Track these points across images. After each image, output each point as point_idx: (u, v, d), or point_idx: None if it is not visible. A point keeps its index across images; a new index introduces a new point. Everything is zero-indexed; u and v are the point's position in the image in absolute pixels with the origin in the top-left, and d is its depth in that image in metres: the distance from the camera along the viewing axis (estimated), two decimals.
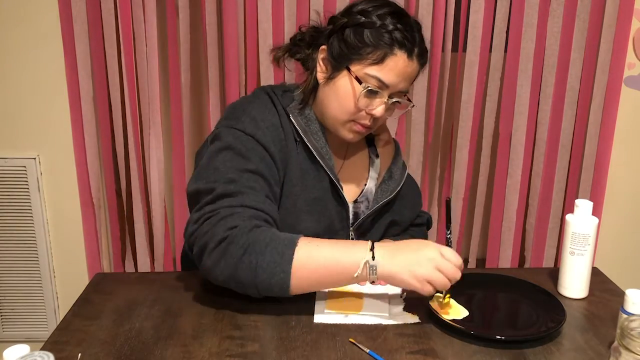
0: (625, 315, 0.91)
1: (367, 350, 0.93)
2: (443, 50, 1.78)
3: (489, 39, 1.79)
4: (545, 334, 0.98)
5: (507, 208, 1.93)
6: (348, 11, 1.14)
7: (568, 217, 1.12)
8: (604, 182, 1.92)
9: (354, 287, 1.13)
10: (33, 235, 1.92)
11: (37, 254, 1.94)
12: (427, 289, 0.98)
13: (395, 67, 1.09)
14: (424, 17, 1.74)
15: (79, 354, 0.92)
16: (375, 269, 0.98)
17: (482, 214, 1.96)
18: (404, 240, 1.02)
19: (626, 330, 0.81)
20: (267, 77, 1.78)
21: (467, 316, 1.04)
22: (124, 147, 1.83)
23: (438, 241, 1.96)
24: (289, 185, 1.15)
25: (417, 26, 1.13)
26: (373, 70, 1.09)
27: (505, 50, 1.81)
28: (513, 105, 1.85)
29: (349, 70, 1.11)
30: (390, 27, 1.08)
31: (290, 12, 1.74)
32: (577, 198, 1.82)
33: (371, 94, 1.11)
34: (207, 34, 1.73)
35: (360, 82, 1.10)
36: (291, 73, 1.34)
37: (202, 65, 1.83)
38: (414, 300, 1.10)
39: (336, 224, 1.22)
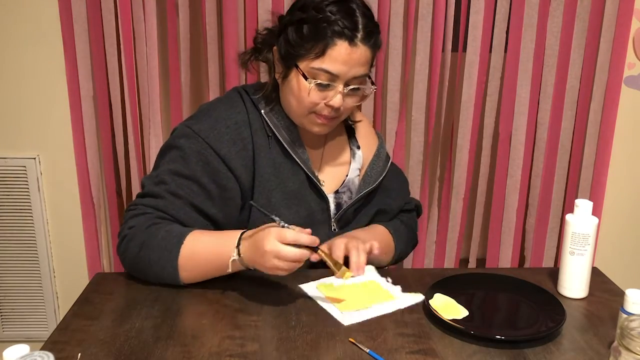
0: (625, 315, 0.91)
1: (367, 350, 0.93)
2: (443, 50, 1.78)
3: (489, 39, 1.79)
4: (545, 334, 0.98)
5: (507, 208, 1.93)
6: (291, 8, 1.17)
7: (568, 217, 1.12)
8: (604, 182, 1.92)
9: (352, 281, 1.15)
10: (33, 235, 1.92)
11: (37, 254, 1.94)
12: (279, 274, 1.03)
13: (338, 56, 1.10)
14: (424, 17, 1.74)
15: (79, 354, 0.92)
16: (244, 262, 1.05)
17: (482, 214, 1.96)
18: (261, 229, 1.03)
19: (626, 330, 0.81)
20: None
21: (467, 316, 1.04)
22: (124, 147, 1.83)
23: (438, 241, 1.96)
24: (260, 181, 1.18)
25: (362, 9, 1.13)
26: (317, 64, 1.10)
27: (505, 50, 1.81)
28: (513, 105, 1.85)
29: (297, 67, 1.12)
30: (330, 17, 1.09)
31: None
32: (577, 198, 1.82)
33: (322, 87, 1.12)
34: (207, 33, 1.72)
35: (306, 78, 1.11)
36: None
37: (202, 65, 1.83)
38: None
39: (317, 215, 1.24)
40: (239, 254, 1.04)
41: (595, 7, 1.77)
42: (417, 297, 1.08)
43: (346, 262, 1.14)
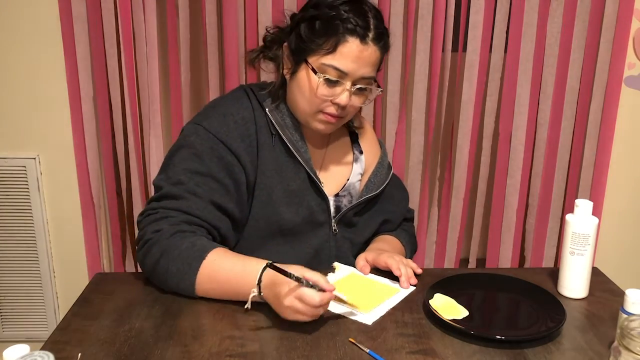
0: (625, 315, 0.91)
1: (367, 350, 0.93)
2: (443, 50, 1.78)
3: (489, 39, 1.79)
4: (545, 334, 0.98)
5: (507, 208, 1.93)
6: (305, 6, 1.19)
7: (568, 217, 1.12)
8: (604, 182, 1.92)
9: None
10: (33, 235, 1.92)
11: (37, 254, 1.94)
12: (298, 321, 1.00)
13: (349, 53, 1.11)
14: (424, 17, 1.74)
15: (79, 354, 0.92)
16: (263, 299, 1.02)
17: (482, 214, 1.95)
18: (279, 280, 0.99)
19: (626, 330, 0.81)
20: (269, 77, 1.78)
21: (467, 316, 1.04)
22: (124, 147, 1.83)
23: (438, 241, 1.96)
24: (262, 178, 1.19)
25: (374, 12, 1.15)
26: (328, 60, 1.12)
27: (505, 50, 1.81)
28: (513, 105, 1.85)
29: (307, 62, 1.14)
30: (343, 15, 1.11)
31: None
32: (577, 198, 1.82)
33: (330, 83, 1.13)
34: (207, 34, 1.72)
35: (315, 73, 1.12)
36: None
37: (202, 65, 1.83)
38: (413, 299, 1.10)
39: (318, 215, 1.25)
40: (259, 292, 1.01)
41: (595, 7, 1.77)
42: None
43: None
